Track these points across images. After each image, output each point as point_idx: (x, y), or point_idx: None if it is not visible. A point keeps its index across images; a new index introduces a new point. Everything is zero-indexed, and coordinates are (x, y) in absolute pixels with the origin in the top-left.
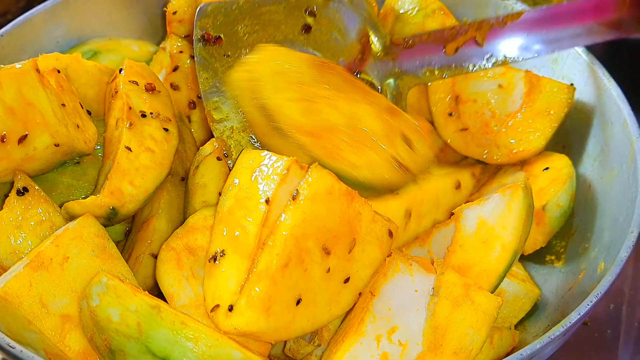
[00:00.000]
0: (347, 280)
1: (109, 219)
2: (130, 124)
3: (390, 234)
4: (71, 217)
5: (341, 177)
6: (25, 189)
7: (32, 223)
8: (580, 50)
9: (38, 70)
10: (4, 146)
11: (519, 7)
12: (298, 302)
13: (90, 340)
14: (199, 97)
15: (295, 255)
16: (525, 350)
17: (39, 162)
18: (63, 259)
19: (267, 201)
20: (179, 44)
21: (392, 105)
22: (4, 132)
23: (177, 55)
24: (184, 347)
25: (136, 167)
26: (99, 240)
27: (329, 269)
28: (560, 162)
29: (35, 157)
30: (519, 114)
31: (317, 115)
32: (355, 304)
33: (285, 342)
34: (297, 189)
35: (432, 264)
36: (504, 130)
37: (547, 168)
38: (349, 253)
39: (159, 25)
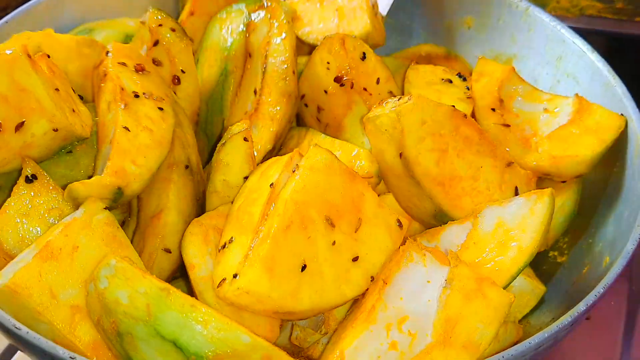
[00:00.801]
0: (355, 259)
1: (114, 201)
2: (125, 105)
3: (400, 224)
4: (74, 200)
5: None
6: (34, 176)
7: (41, 211)
8: (584, 48)
9: (29, 56)
10: (0, 135)
11: (524, 4)
12: (303, 269)
13: (97, 324)
14: (183, 72)
15: (297, 220)
16: (534, 339)
17: (38, 149)
18: (72, 249)
19: (271, 185)
20: (158, 17)
21: (510, 160)
22: None
23: (156, 29)
24: (193, 330)
25: (136, 147)
26: (108, 228)
27: (334, 242)
28: None
29: (34, 144)
30: (567, 127)
31: (448, 165)
32: (366, 290)
33: (292, 330)
34: (297, 164)
35: (447, 256)
36: (547, 138)
37: None
38: (356, 232)
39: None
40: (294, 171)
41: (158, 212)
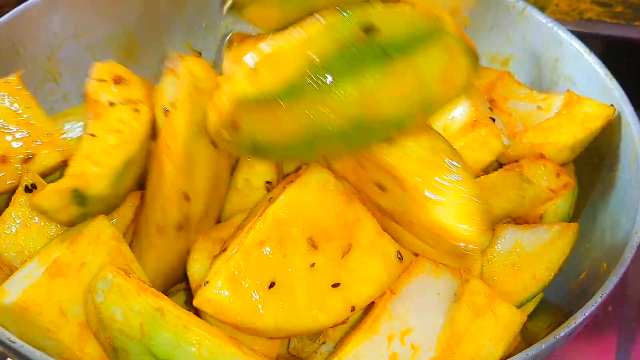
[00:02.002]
0: (336, 285)
1: (82, 204)
2: (96, 115)
3: (400, 257)
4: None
5: None
6: (34, 186)
7: (41, 221)
8: (582, 49)
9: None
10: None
11: (521, 4)
12: (271, 286)
13: (95, 334)
14: None
15: (274, 236)
16: (531, 350)
17: None
18: (80, 265)
19: (270, 199)
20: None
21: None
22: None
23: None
24: (186, 351)
25: (101, 149)
26: (114, 242)
27: (313, 264)
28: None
29: None
30: (553, 119)
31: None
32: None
33: (289, 341)
34: (291, 180)
35: (459, 270)
36: (532, 129)
37: None
38: (342, 257)
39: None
40: (286, 185)
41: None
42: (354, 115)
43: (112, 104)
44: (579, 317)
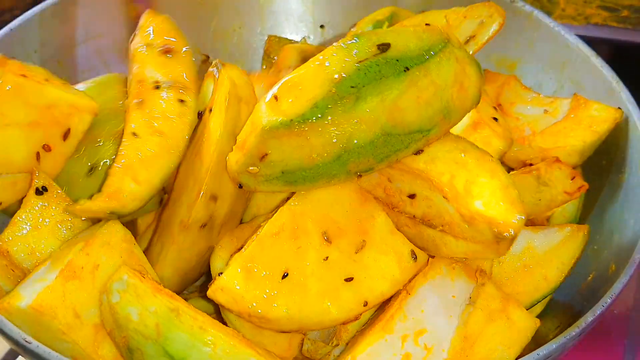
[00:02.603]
0: (349, 280)
1: (116, 216)
2: (139, 101)
3: (415, 256)
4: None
5: None
6: (45, 188)
7: (52, 223)
8: (589, 53)
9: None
10: (51, 155)
11: (528, 8)
12: (284, 277)
13: (110, 334)
14: None
15: (288, 229)
16: (542, 350)
17: None
18: (93, 267)
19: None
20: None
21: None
22: (43, 144)
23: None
24: (201, 351)
25: (141, 159)
26: (126, 245)
27: (327, 258)
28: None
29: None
30: (560, 123)
31: None
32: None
33: (303, 343)
34: None
35: (476, 273)
36: (540, 134)
37: None
38: (356, 253)
39: None
40: None
41: (156, 261)
42: (382, 125)
43: (157, 86)
44: (589, 317)
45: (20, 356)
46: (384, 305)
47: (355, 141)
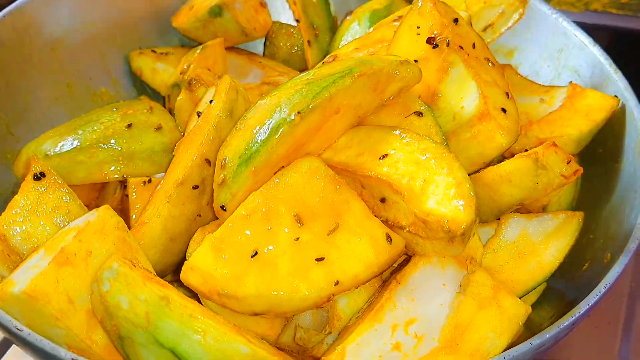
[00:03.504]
0: (320, 259)
1: None
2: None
3: (389, 239)
4: None
5: None
6: (42, 174)
7: (48, 209)
8: (586, 41)
9: None
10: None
11: None
12: (254, 255)
13: (101, 322)
14: None
15: (260, 211)
16: (535, 339)
17: None
18: (86, 254)
19: None
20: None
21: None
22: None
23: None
24: (191, 339)
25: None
26: (119, 232)
27: (298, 239)
28: None
29: None
30: (557, 112)
31: None
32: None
33: (295, 331)
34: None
35: (467, 261)
36: (536, 124)
37: None
38: (328, 235)
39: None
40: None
41: (149, 218)
42: None
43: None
44: (582, 307)
45: (13, 344)
46: (379, 294)
47: None
